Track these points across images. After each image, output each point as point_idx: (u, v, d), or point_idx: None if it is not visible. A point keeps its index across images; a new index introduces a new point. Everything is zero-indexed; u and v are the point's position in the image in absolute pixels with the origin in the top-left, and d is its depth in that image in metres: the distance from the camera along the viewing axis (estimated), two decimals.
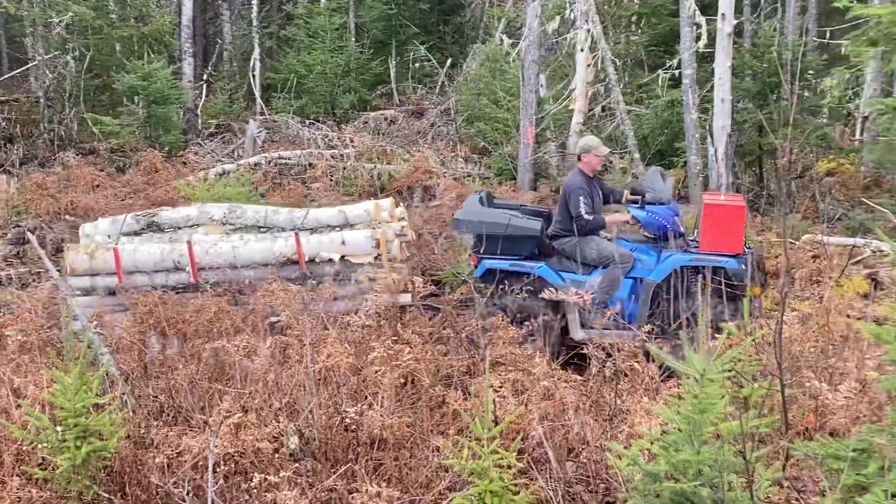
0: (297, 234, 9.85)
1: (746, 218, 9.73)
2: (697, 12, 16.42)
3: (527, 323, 9.65)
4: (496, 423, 6.44)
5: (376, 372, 7.85)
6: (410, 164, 18.15)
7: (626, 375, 8.48)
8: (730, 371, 6.16)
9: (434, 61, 24.84)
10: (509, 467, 6.16)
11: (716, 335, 8.37)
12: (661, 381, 8.44)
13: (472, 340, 9.41)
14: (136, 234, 10.64)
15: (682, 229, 9.71)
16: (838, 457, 5.77)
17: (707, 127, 16.04)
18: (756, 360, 7.34)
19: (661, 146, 18.31)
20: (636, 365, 8.61)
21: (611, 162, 17.99)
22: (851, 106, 18.65)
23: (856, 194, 15.64)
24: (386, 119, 22.40)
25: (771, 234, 12.76)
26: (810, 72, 17.96)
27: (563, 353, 9.65)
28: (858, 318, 8.85)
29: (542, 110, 18.33)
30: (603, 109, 20.48)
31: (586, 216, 9.51)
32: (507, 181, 17.70)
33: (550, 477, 6.59)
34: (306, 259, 9.82)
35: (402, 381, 8.04)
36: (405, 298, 10.02)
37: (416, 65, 25.23)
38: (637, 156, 17.21)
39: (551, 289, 9.09)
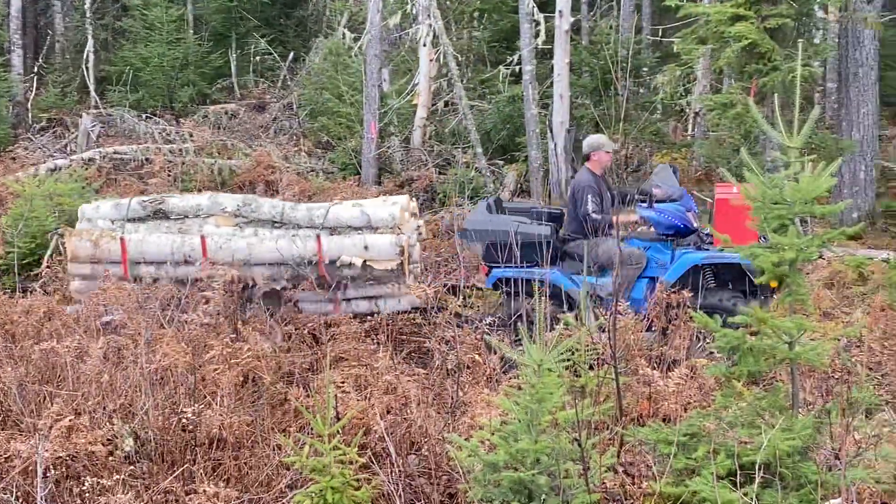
0: (318, 237, 9.45)
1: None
2: (536, 9, 16.70)
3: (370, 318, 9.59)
4: (338, 419, 6.43)
5: (215, 370, 7.75)
6: (252, 159, 17.92)
7: (468, 368, 8.55)
8: (567, 361, 6.28)
9: (276, 55, 24.53)
10: (351, 463, 6.16)
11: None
12: (503, 372, 8.52)
13: (315, 336, 9.36)
14: (142, 220, 10.05)
15: (695, 225, 9.47)
16: (669, 441, 5.95)
17: (547, 122, 16.33)
18: (593, 350, 7.53)
19: (503, 141, 18.55)
20: (477, 357, 8.70)
21: (454, 156, 18.16)
22: (683, 102, 19.18)
23: (688, 188, 16.07)
24: (227, 113, 22.02)
25: None
26: (644, 69, 18.49)
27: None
28: (690, 307, 9.09)
29: (386, 105, 18.38)
30: (446, 104, 20.63)
31: (594, 215, 9.27)
32: (352, 176, 17.63)
33: (392, 471, 6.60)
34: (326, 262, 9.43)
35: (242, 379, 7.95)
36: (413, 300, 9.83)
37: (258, 58, 24.85)
38: (480, 150, 17.39)
39: None
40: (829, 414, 6.07)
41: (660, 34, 20.59)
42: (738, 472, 5.52)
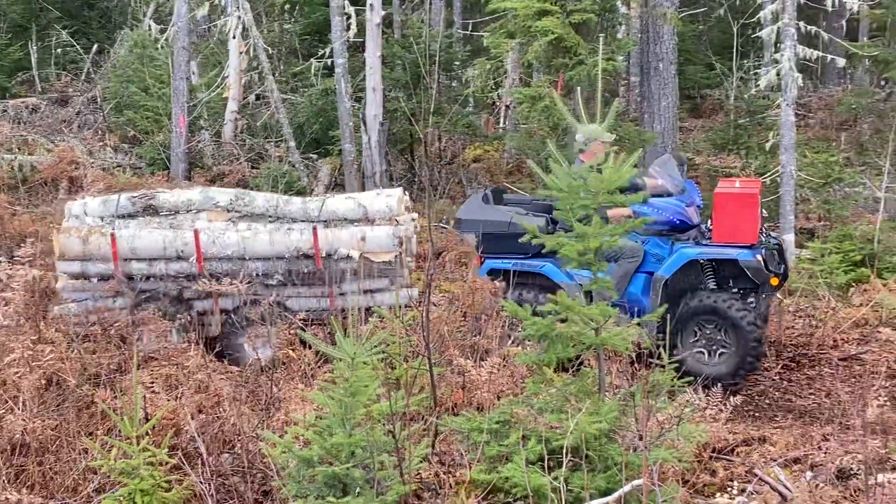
0: (315, 229, 9.00)
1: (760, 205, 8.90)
2: (347, 2, 16.63)
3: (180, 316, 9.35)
4: (146, 420, 6.28)
5: (16, 374, 7.45)
6: (55, 154, 17.26)
7: (283, 364, 8.47)
8: (381, 353, 6.30)
9: (79, 47, 23.67)
10: (161, 464, 6.04)
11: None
12: (318, 366, 8.44)
13: (122, 337, 9.10)
14: (131, 216, 9.55)
15: (696, 220, 9.11)
16: (481, 430, 6.05)
17: (360, 115, 16.30)
18: (407, 342, 7.56)
19: (317, 134, 18.39)
20: (292, 353, 8.63)
21: (266, 150, 17.96)
22: (494, 95, 19.40)
23: (500, 179, 16.36)
24: (27, 107, 21.15)
25: (422, 218, 13.07)
26: (456, 63, 18.64)
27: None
28: (504, 297, 9.16)
29: (195, 98, 18.02)
30: (257, 98, 20.34)
31: None
32: (160, 171, 17.20)
33: (204, 470, 6.48)
34: (323, 255, 9.05)
35: (46, 381, 7.66)
36: (413, 293, 9.52)
37: (60, 50, 23.95)
38: (293, 144, 17.25)
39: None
40: (633, 397, 6.28)
41: (470, 28, 20.86)
42: (548, 456, 5.66)
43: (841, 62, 16.04)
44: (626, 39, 14.83)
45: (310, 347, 8.38)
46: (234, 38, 18.05)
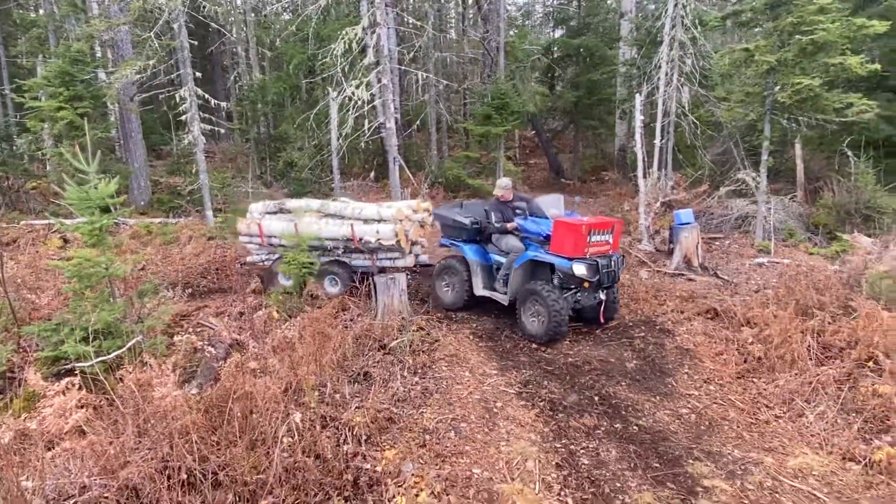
0: (352, 226, 7.95)
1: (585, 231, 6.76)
2: None
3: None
4: None
5: None
6: None
7: None
8: None
9: None
10: None
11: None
12: None
13: None
14: (273, 213, 8.57)
15: (549, 235, 7.12)
16: (47, 329, 5.73)
17: None
18: None
19: None
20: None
21: None
22: (39, 153, 16.67)
23: (49, 197, 14.22)
24: None
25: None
26: (13, 136, 15.67)
27: None
28: (54, 259, 8.36)
29: None
30: None
31: (495, 224, 7.49)
32: None
33: None
34: (358, 238, 7.91)
35: None
36: (424, 258, 8.77)
37: None
38: None
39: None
40: (136, 296, 6.28)
41: (19, 116, 17.44)
42: (87, 336, 5.54)
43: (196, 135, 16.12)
44: (112, 122, 13.80)
45: None
46: None
